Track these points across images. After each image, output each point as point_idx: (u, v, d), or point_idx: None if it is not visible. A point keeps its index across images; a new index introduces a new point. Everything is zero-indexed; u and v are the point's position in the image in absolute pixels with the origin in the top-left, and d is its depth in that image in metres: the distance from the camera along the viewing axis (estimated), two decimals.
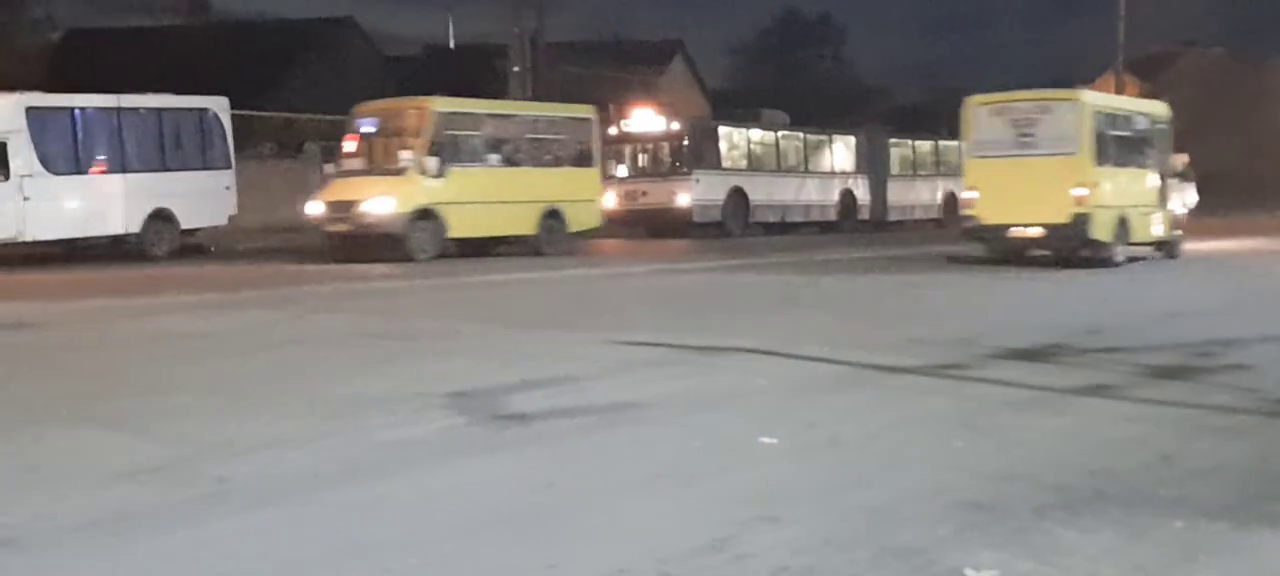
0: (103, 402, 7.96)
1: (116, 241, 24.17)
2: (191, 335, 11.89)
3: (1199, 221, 39.01)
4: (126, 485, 5.78)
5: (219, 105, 26.25)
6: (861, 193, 38.21)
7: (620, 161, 33.74)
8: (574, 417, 7.44)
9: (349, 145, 24.05)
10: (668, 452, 6.54)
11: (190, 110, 25.79)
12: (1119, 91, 54.77)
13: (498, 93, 36.90)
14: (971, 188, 21.21)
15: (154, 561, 4.74)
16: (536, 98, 37.97)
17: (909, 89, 60.47)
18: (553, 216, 25.04)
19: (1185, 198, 49.15)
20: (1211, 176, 48.02)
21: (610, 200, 33.46)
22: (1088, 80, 63.82)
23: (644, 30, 52.88)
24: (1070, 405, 7.88)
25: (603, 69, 43.60)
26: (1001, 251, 20.61)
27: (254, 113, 32.50)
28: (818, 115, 40.83)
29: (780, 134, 36.58)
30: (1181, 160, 48.84)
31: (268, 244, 27.93)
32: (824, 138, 38.08)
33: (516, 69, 36.54)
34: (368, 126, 24.14)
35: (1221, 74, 58.42)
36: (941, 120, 48.53)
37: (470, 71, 41.02)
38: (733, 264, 22.39)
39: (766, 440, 6.73)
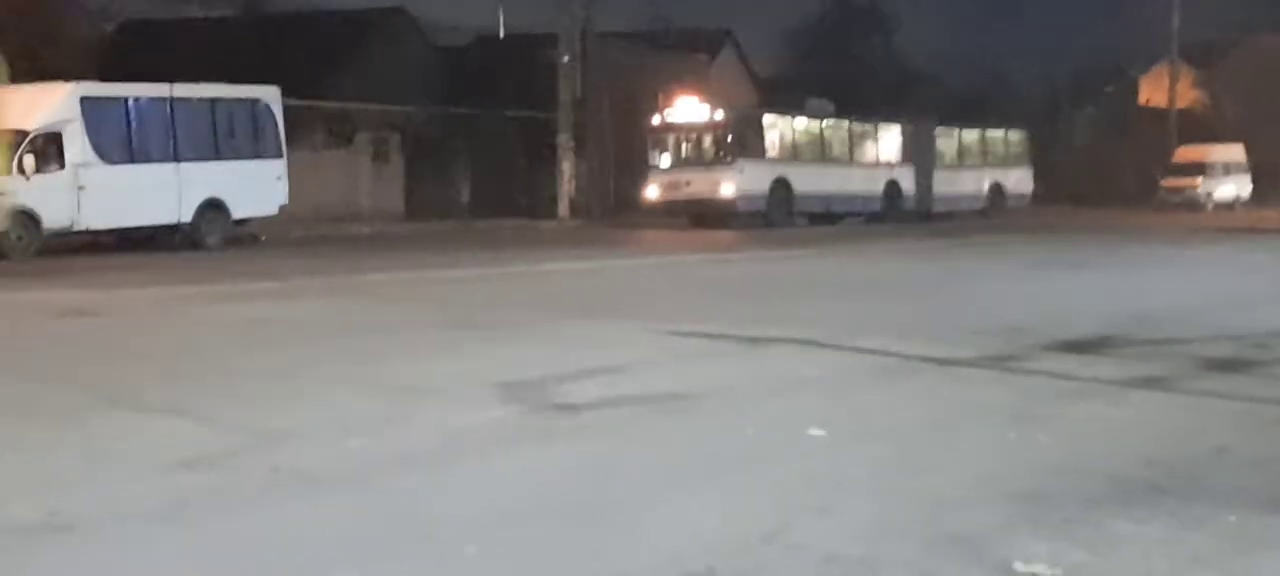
0: (164, 390, 8.06)
1: (169, 230, 24.37)
2: (250, 322, 12.01)
3: (1255, 211, 38.67)
4: (187, 473, 5.86)
5: (271, 95, 26.42)
6: (907, 183, 37.93)
7: (663, 151, 33.72)
8: (627, 407, 7.48)
9: None
10: (719, 442, 6.57)
11: (242, 100, 25.99)
12: (1173, 82, 54.34)
13: (548, 82, 37.01)
14: None
15: (213, 549, 4.80)
16: (586, 87, 38.06)
17: (958, 76, 59.92)
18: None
19: (1239, 187, 48.70)
20: (1274, 167, 47.52)
21: (653, 191, 33.49)
22: (1142, 70, 63.37)
23: (694, 19, 52.55)
24: (1123, 396, 7.84)
25: (652, 58, 43.56)
26: None
27: (307, 102, 32.71)
28: (868, 103, 40.65)
29: (825, 123, 36.42)
30: (1236, 150, 48.34)
31: (319, 232, 28.12)
32: (869, 127, 37.86)
33: (567, 59, 36.59)
34: None
35: (1278, 61, 57.59)
36: (990, 109, 48.30)
37: (520, 61, 41.11)
38: (779, 254, 22.37)
39: (815, 431, 6.74)
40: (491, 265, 19.39)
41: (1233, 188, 49.65)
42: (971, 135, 41.81)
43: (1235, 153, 50.68)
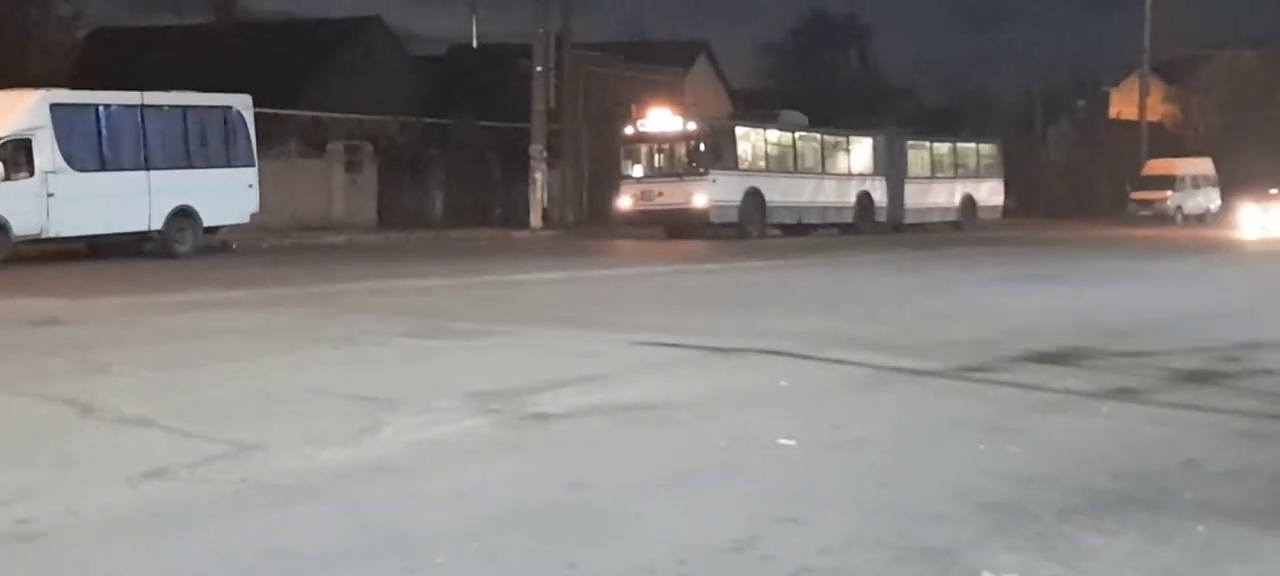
0: (134, 399, 8.00)
1: (139, 238, 24.25)
2: (221, 331, 11.95)
3: (1225, 224, 38.91)
4: (156, 483, 5.82)
5: (242, 103, 26.33)
6: (879, 195, 38.12)
7: (637, 161, 33.79)
8: (598, 417, 7.47)
9: None
10: (691, 453, 6.56)
11: (214, 108, 25.87)
12: (1144, 95, 54.72)
13: (522, 92, 37.00)
14: None
15: (182, 558, 4.77)
16: (560, 97, 38.08)
17: (933, 89, 60.27)
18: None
19: (1209, 200, 49.00)
20: (1242, 179, 47.84)
21: (626, 202, 33.55)
22: (1114, 83, 63.79)
23: (669, 31, 52.74)
24: (1094, 408, 7.87)
25: (627, 69, 43.61)
26: None
27: (280, 111, 32.62)
28: (842, 116, 40.82)
29: (798, 135, 36.59)
30: (1206, 164, 48.64)
31: (291, 241, 28.04)
32: (841, 139, 38.07)
33: (540, 69, 36.60)
34: None
35: (1254, 75, 58.11)
36: (965, 121, 48.53)
37: (495, 71, 41.11)
38: (752, 265, 22.39)
39: (785, 441, 6.74)
40: (464, 275, 19.35)
41: (1202, 201, 49.97)
42: (943, 148, 42.04)
43: (1205, 166, 51.05)
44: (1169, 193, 48.88)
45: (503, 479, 6.02)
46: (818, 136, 37.27)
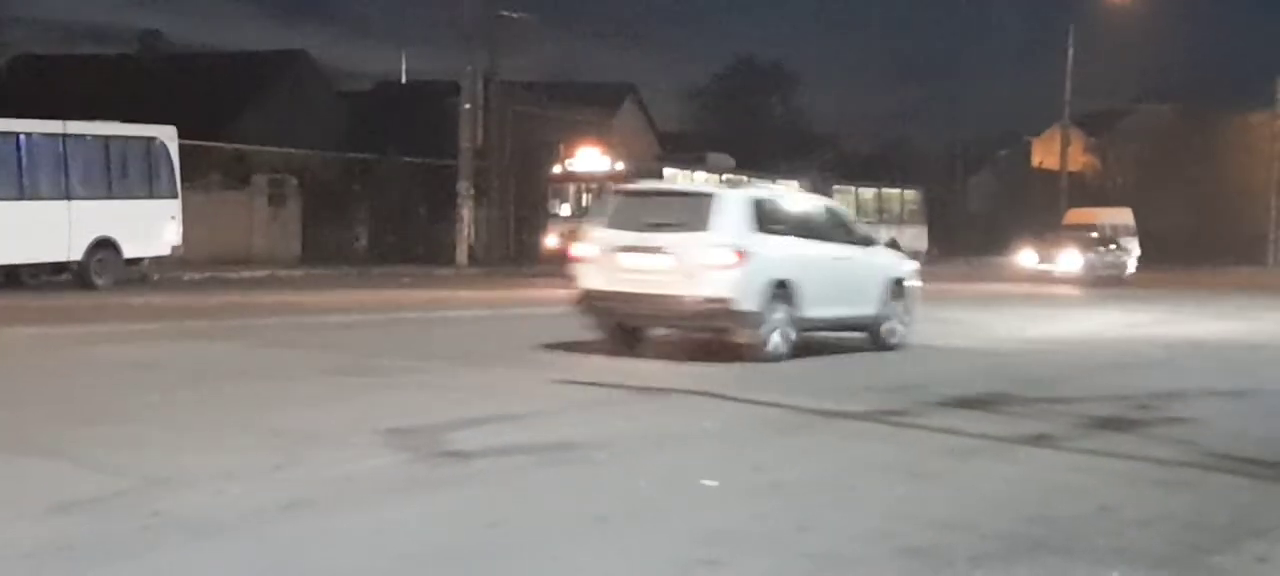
0: (46, 432, 7.86)
1: (58, 269, 23.87)
2: (136, 364, 11.77)
3: (1142, 272, 39.47)
4: (63, 517, 5.71)
5: (166, 134, 26.00)
6: None
7: (564, 200, 33.84)
8: (517, 456, 7.42)
9: None
10: (612, 494, 6.53)
11: (137, 138, 25.53)
12: (1064, 146, 55.57)
13: (449, 129, 36.93)
14: None
15: None
16: (487, 135, 38.00)
17: (859, 138, 60.94)
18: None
19: (1130, 252, 49.71)
20: (1159, 232, 48.66)
21: (553, 240, 33.55)
22: (1035, 133, 64.77)
23: (597, 72, 52.77)
24: (1011, 453, 7.94)
25: (555, 108, 43.64)
26: None
27: (204, 143, 32.28)
28: (766, 161, 41.04)
29: (724, 177, 36.78)
30: (1125, 214, 49.37)
31: (212, 275, 27.72)
32: (767, 181, 38.29)
33: (467, 106, 36.53)
34: None
35: (1170, 130, 59.33)
36: (889, 169, 49.02)
37: (422, 107, 40.99)
38: None
39: (708, 482, 6.74)
40: (385, 311, 19.21)
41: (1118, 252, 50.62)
42: (868, 192, 42.48)
43: (1124, 216, 51.82)
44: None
45: (420, 517, 5.96)
46: (744, 179, 37.47)
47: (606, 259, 13.43)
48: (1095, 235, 39.98)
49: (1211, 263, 48.57)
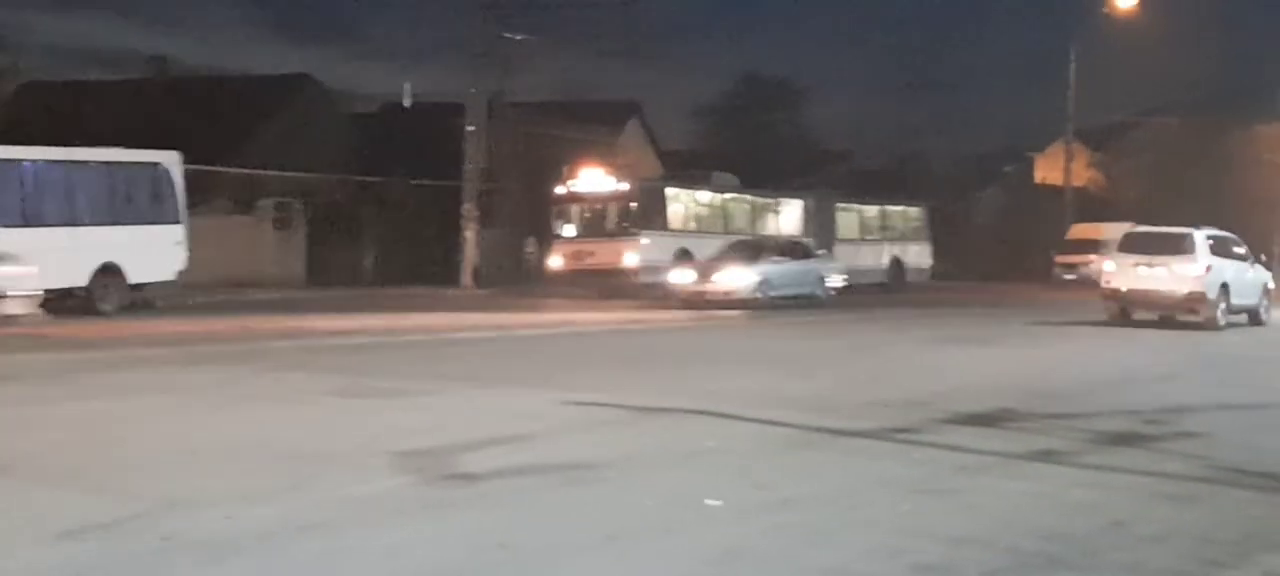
0: (55, 457, 7.88)
1: (63, 295, 23.89)
2: (148, 388, 11.78)
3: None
4: (74, 543, 5.72)
5: (171, 160, 26.04)
6: None
7: (568, 221, 33.83)
8: (525, 477, 7.42)
9: None
10: (619, 513, 6.53)
11: (141, 164, 25.57)
12: (1068, 161, 55.54)
13: (456, 151, 36.97)
14: None
15: None
16: (493, 156, 38.03)
17: (870, 153, 60.72)
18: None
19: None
20: None
21: (557, 260, 33.56)
22: (1039, 148, 64.72)
23: (602, 91, 52.70)
24: (1021, 470, 7.92)
25: (558, 129, 43.67)
26: None
27: (211, 168, 32.32)
28: (775, 178, 41.03)
29: (728, 196, 36.73)
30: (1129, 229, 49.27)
31: (219, 299, 27.74)
32: (771, 201, 38.27)
33: (472, 128, 36.57)
34: None
35: (1177, 143, 59.13)
36: (899, 184, 48.93)
37: (428, 129, 41.03)
38: (681, 325, 22.39)
39: (712, 502, 6.73)
40: (393, 333, 19.22)
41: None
42: (872, 210, 42.37)
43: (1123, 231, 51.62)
44: (1093, 257, 49.46)
45: (430, 538, 5.96)
46: (748, 198, 37.44)
47: (1125, 271, 23.80)
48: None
49: None
